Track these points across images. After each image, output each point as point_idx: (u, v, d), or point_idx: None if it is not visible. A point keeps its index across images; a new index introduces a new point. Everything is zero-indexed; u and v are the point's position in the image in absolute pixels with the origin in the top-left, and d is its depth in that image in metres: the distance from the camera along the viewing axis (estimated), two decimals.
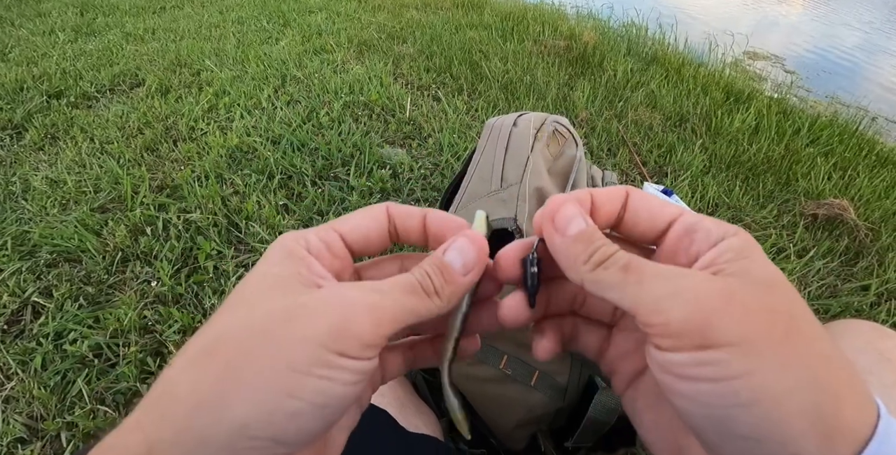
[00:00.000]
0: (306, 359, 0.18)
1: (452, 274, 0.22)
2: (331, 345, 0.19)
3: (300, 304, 0.19)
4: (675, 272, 0.20)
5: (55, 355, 0.91)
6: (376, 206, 0.25)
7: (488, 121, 0.64)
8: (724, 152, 1.64)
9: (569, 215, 0.22)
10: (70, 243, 1.12)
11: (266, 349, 0.18)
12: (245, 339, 0.19)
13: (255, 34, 2.55)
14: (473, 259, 0.23)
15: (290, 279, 0.21)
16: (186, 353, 0.19)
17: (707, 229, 0.21)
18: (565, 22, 2.90)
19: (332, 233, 0.23)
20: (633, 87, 2.03)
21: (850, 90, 2.91)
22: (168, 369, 0.19)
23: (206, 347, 0.19)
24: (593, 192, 0.24)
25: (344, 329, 0.19)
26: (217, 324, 0.20)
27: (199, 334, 0.20)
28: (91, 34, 2.60)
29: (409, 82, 1.99)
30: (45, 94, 1.86)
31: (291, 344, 0.18)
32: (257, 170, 1.37)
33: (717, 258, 0.20)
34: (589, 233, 0.22)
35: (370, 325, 0.20)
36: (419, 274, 0.22)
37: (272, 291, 0.20)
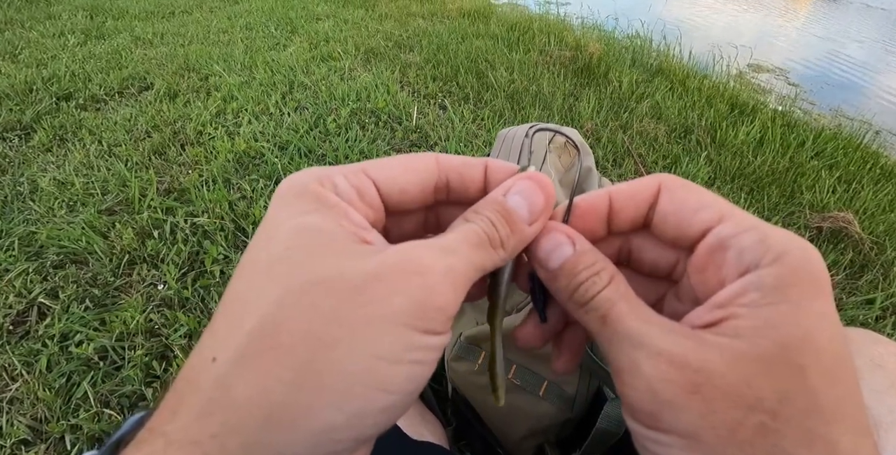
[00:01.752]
0: (394, 344, 0.16)
1: (517, 222, 0.19)
2: (417, 323, 0.16)
3: (369, 274, 0.16)
4: (651, 337, 0.17)
5: (60, 357, 0.91)
6: (422, 156, 0.21)
7: (501, 131, 0.65)
8: (729, 164, 1.64)
9: (550, 246, 0.20)
10: (77, 245, 1.13)
11: (344, 338, 0.15)
12: (314, 327, 0.15)
13: (263, 40, 2.57)
14: (541, 205, 0.20)
15: (335, 233, 0.17)
16: (232, 340, 0.15)
17: (740, 249, 0.17)
18: (571, 33, 2.93)
19: (363, 178, 0.19)
20: (639, 98, 2.04)
21: (854, 103, 2.92)
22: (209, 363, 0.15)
23: (264, 336, 0.15)
24: (613, 192, 0.21)
25: (427, 303, 0.16)
26: (263, 299, 0.16)
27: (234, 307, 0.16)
28: (100, 37, 2.63)
29: (416, 90, 2.00)
30: (55, 95, 1.88)
31: (373, 328, 0.15)
32: (265, 175, 1.38)
33: (738, 297, 0.16)
34: (570, 265, 0.19)
35: (451, 292, 0.17)
36: (484, 223, 0.19)
37: (321, 252, 0.16)
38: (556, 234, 0.20)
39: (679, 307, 0.21)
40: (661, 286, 0.22)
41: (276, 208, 0.18)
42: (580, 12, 3.55)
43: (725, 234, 0.18)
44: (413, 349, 0.16)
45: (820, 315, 0.16)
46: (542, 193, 0.20)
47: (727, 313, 0.16)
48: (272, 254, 0.17)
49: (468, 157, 0.21)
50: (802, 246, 0.17)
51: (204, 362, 0.15)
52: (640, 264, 0.22)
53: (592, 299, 0.19)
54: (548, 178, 0.20)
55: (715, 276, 0.18)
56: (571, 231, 0.20)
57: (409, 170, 0.20)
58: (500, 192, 0.20)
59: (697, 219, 0.19)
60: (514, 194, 0.20)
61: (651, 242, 0.21)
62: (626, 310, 0.18)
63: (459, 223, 0.19)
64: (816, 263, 0.16)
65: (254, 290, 0.16)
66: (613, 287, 0.19)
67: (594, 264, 0.19)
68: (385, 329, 0.15)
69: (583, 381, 0.57)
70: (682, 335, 0.17)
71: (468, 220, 0.19)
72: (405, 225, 0.22)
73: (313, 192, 0.18)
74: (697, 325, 0.17)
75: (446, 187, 0.21)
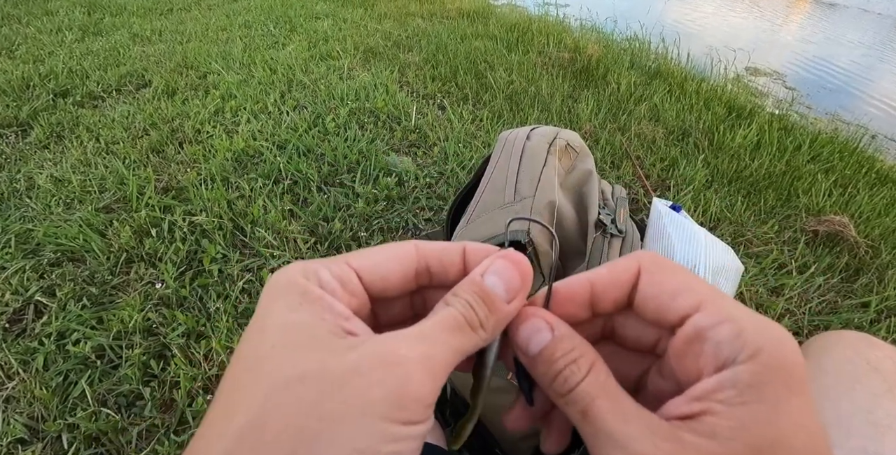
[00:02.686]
0: (372, 437, 0.16)
1: (496, 302, 0.20)
2: (395, 415, 0.16)
3: (348, 368, 0.16)
4: (631, 439, 0.17)
5: (57, 355, 0.90)
6: (401, 245, 0.22)
7: (501, 133, 0.65)
8: (727, 167, 1.65)
9: (528, 332, 0.20)
10: (74, 243, 1.12)
11: (325, 431, 0.15)
12: (298, 421, 0.16)
13: (261, 39, 2.56)
14: (518, 283, 0.20)
15: (317, 329, 0.18)
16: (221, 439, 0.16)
17: (716, 343, 0.17)
18: (569, 34, 2.93)
19: (346, 268, 0.20)
20: (637, 100, 2.05)
21: (851, 108, 2.94)
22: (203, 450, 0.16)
23: (251, 432, 0.16)
24: (594, 278, 0.21)
25: (404, 393, 0.16)
26: (251, 394, 0.16)
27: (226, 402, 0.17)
28: (98, 34, 2.62)
29: (415, 90, 2.00)
30: (52, 92, 1.87)
31: (352, 421, 0.16)
32: (263, 174, 1.38)
33: (714, 392, 0.17)
34: (548, 352, 0.20)
35: (428, 381, 0.17)
36: (461, 306, 0.19)
37: (304, 347, 0.17)
38: (534, 319, 0.20)
39: (662, 383, 0.21)
40: (645, 360, 0.23)
41: (265, 302, 0.19)
42: (579, 14, 3.56)
43: (702, 324, 0.18)
44: (391, 441, 0.16)
45: (796, 413, 0.16)
46: (518, 272, 0.20)
47: (704, 408, 0.17)
48: (260, 351, 0.17)
49: (447, 244, 0.22)
50: (779, 339, 0.17)
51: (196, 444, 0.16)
52: (624, 339, 0.23)
53: (571, 392, 0.19)
54: (523, 256, 0.21)
55: (693, 364, 0.18)
56: (550, 316, 0.21)
57: (390, 258, 0.21)
58: (478, 272, 0.20)
59: (676, 305, 0.19)
60: (491, 274, 0.20)
61: (634, 320, 0.22)
62: (607, 407, 0.18)
63: (440, 307, 0.20)
64: (792, 357, 0.17)
65: (242, 387, 0.17)
66: (593, 377, 0.19)
67: (572, 351, 0.19)
68: (363, 422, 0.16)
69: None
70: (662, 437, 0.17)
71: (447, 303, 0.20)
72: (393, 309, 0.23)
73: (299, 286, 0.19)
74: (675, 415, 0.18)
75: (427, 272, 0.22)
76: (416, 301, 0.23)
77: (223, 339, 0.92)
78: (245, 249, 1.15)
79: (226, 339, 0.93)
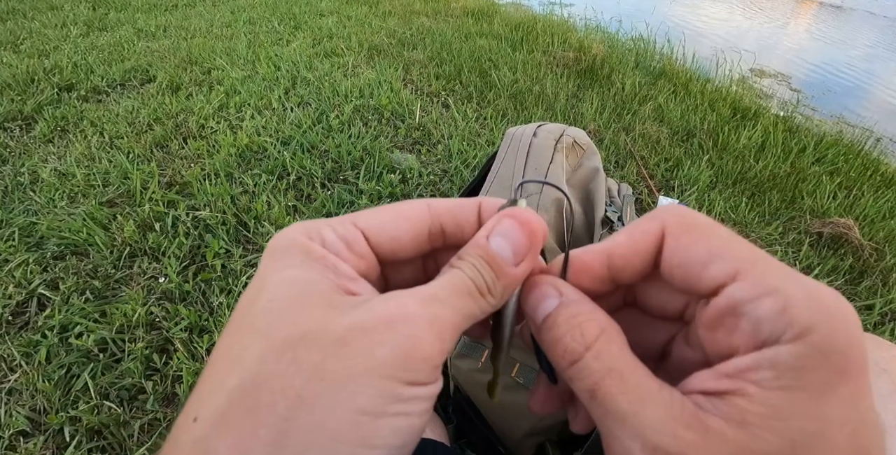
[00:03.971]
0: (375, 398, 0.15)
1: (502, 266, 0.18)
2: (400, 374, 0.15)
3: (352, 325, 0.15)
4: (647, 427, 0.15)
5: (60, 348, 0.90)
6: (412, 203, 0.20)
7: (509, 130, 0.65)
8: (731, 168, 1.65)
9: (536, 299, 0.19)
10: (78, 236, 1.12)
11: (325, 393, 0.14)
12: (295, 383, 0.14)
13: (266, 35, 2.56)
14: (525, 245, 0.18)
15: (319, 284, 0.16)
16: (213, 400, 0.15)
17: (756, 319, 0.15)
18: (574, 34, 2.93)
19: (351, 229, 0.19)
20: (641, 100, 2.04)
21: (856, 110, 2.93)
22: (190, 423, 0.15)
23: (244, 395, 0.15)
24: (611, 249, 0.19)
25: (411, 353, 0.15)
26: (246, 355, 0.15)
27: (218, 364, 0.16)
28: (103, 29, 2.62)
29: (419, 88, 2.00)
30: (56, 86, 1.87)
31: (355, 381, 0.15)
32: (267, 170, 1.38)
33: (749, 371, 0.15)
34: (552, 317, 0.18)
35: (437, 342, 0.16)
36: (470, 270, 0.18)
37: (304, 304, 0.16)
38: (543, 286, 0.19)
39: (688, 353, 0.19)
40: (670, 327, 0.20)
41: (265, 262, 0.18)
42: (584, 13, 3.55)
43: (740, 297, 0.15)
44: (397, 402, 0.15)
45: (845, 404, 0.14)
46: (526, 233, 0.19)
47: (735, 387, 0.15)
48: (257, 306, 0.16)
49: (461, 199, 0.21)
50: (833, 315, 0.14)
51: (186, 422, 0.15)
52: (647, 306, 0.21)
53: (575, 364, 0.17)
54: (533, 213, 0.19)
55: (726, 339, 0.16)
56: (560, 282, 0.19)
57: (400, 217, 0.20)
58: (483, 234, 0.19)
59: (707, 274, 0.16)
60: (497, 236, 0.19)
61: (659, 285, 0.19)
62: (618, 387, 0.16)
63: (446, 270, 0.19)
64: (847, 337, 0.14)
65: (237, 347, 0.16)
66: (604, 347, 0.17)
67: (577, 315, 0.18)
68: (367, 382, 0.15)
69: None
70: (684, 424, 0.15)
71: (454, 266, 0.18)
72: (405, 273, 0.22)
73: (301, 245, 0.18)
74: (700, 389, 0.16)
75: (442, 232, 0.20)
76: (430, 265, 0.22)
77: None
78: (248, 245, 1.15)
79: None
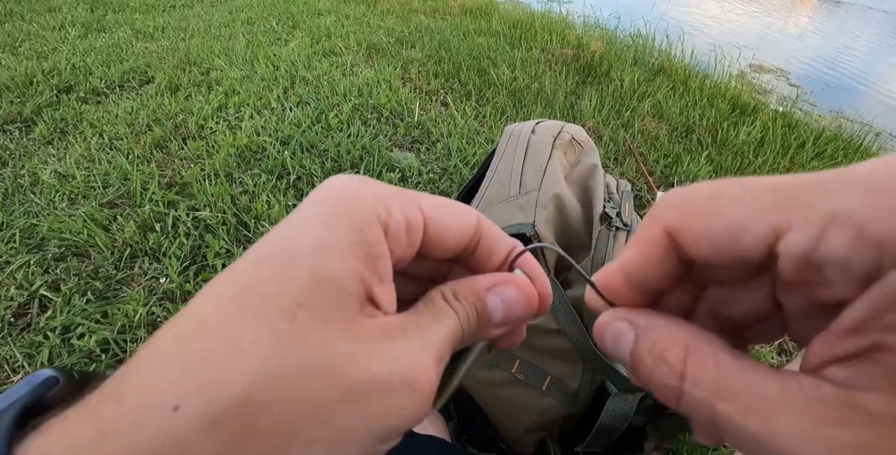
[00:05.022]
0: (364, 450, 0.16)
1: (487, 324, 0.19)
2: (391, 438, 0.16)
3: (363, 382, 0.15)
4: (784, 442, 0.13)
5: (62, 349, 0.91)
6: (468, 211, 0.20)
7: (507, 127, 0.65)
8: (730, 164, 1.65)
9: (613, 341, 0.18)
10: (78, 238, 1.13)
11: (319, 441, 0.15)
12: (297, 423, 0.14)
13: (264, 35, 2.56)
14: (515, 315, 0.19)
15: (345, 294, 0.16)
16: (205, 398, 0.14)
17: (840, 261, 0.12)
18: (573, 31, 2.92)
19: (417, 214, 0.18)
20: (640, 96, 2.04)
21: (855, 105, 2.93)
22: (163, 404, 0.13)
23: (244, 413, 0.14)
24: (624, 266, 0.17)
25: (412, 421, 0.16)
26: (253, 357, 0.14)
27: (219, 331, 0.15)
28: (101, 30, 2.62)
29: (418, 87, 2.00)
30: (55, 88, 1.87)
31: (350, 435, 0.15)
32: (267, 170, 1.38)
33: (875, 318, 0.12)
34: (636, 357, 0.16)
35: (430, 393, 0.17)
36: (464, 319, 0.18)
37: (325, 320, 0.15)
38: (612, 324, 0.17)
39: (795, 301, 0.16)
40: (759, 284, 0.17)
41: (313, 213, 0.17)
42: (582, 10, 3.55)
43: (802, 248, 0.13)
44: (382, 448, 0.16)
45: None
46: (522, 306, 0.19)
47: (870, 343, 0.12)
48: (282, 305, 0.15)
49: (502, 232, 0.21)
50: None
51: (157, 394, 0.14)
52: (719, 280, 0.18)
53: (681, 400, 0.15)
54: (532, 288, 0.20)
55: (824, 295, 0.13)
56: (622, 310, 0.18)
57: (456, 219, 0.19)
58: (484, 285, 0.19)
59: (746, 246, 0.14)
60: (496, 295, 0.19)
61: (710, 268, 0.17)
62: (735, 410, 0.13)
63: (442, 307, 0.18)
64: None
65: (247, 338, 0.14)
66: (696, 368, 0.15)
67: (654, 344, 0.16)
68: (361, 438, 0.15)
69: (586, 376, 0.57)
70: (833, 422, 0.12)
71: (452, 306, 0.18)
72: (425, 267, 0.21)
73: (363, 219, 0.16)
74: (830, 359, 0.13)
75: (473, 248, 0.20)
76: (444, 267, 0.22)
77: None
78: (249, 244, 1.16)
79: None
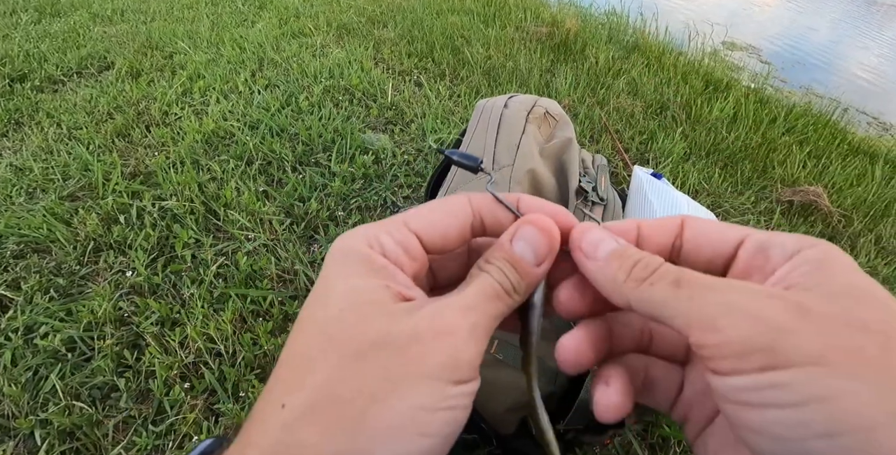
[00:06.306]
0: (431, 397, 0.18)
1: (525, 267, 0.21)
2: (449, 376, 0.18)
3: (409, 335, 0.18)
4: (736, 285, 0.18)
5: (26, 350, 0.87)
6: (454, 199, 0.23)
7: (479, 102, 0.63)
8: (704, 140, 1.65)
9: (596, 238, 0.21)
10: (38, 233, 1.07)
11: (391, 394, 0.18)
12: (367, 384, 0.18)
13: (229, 16, 2.46)
14: (546, 248, 0.21)
15: (379, 294, 0.19)
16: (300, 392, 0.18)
17: (781, 244, 0.19)
18: (547, 9, 2.88)
19: (406, 233, 0.21)
20: (615, 74, 2.03)
21: (824, 82, 2.98)
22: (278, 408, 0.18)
23: (327, 391, 0.18)
24: (641, 223, 0.22)
25: (457, 359, 0.19)
26: (324, 358, 0.18)
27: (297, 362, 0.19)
28: (55, 15, 2.48)
29: (391, 67, 1.95)
30: (8, 77, 1.77)
31: (415, 384, 0.18)
32: (235, 155, 1.33)
33: (790, 272, 0.18)
34: (621, 250, 0.20)
35: (475, 346, 0.19)
36: (497, 275, 0.21)
37: (368, 314, 0.19)
38: (597, 230, 0.21)
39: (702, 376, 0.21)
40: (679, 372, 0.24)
41: (329, 269, 0.21)
42: None
43: (762, 239, 0.20)
44: (447, 398, 0.18)
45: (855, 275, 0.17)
46: (546, 237, 0.21)
47: (788, 284, 0.18)
48: (328, 315, 0.19)
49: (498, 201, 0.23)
50: (819, 240, 0.19)
51: (273, 408, 0.18)
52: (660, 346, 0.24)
53: (656, 271, 0.19)
54: (549, 220, 0.21)
55: (760, 274, 0.19)
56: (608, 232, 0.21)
57: (447, 215, 0.22)
58: (507, 238, 0.21)
59: (731, 234, 0.20)
60: (519, 240, 0.21)
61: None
62: (697, 272, 0.19)
63: (476, 273, 0.21)
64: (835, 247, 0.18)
65: (315, 350, 0.19)
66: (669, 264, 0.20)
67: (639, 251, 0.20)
68: (424, 384, 0.18)
69: None
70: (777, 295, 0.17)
71: (482, 269, 0.21)
72: (450, 264, 0.24)
73: (363, 255, 0.20)
74: None
75: (482, 226, 0.23)
76: (473, 255, 0.24)
77: (199, 325, 0.90)
78: (219, 233, 1.12)
79: (201, 326, 0.90)
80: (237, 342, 0.89)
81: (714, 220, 0.21)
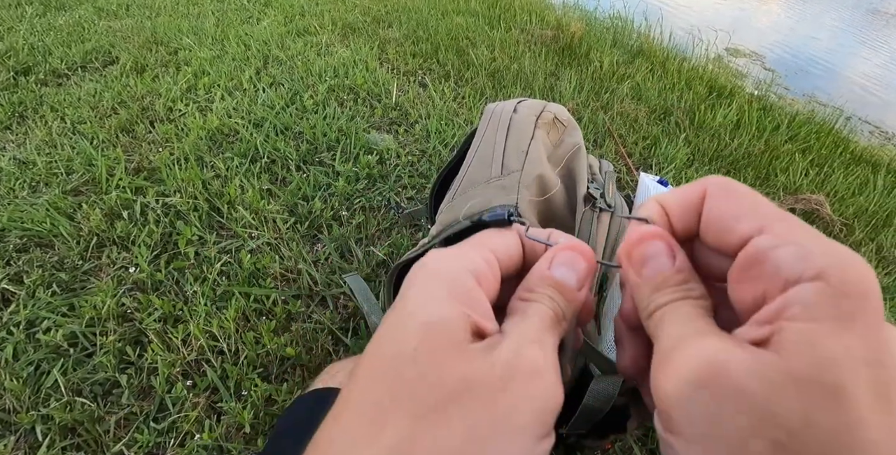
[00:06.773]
0: (525, 447, 0.17)
1: (570, 292, 0.21)
2: (538, 430, 0.17)
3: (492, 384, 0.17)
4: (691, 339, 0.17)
5: (27, 345, 0.87)
6: (505, 231, 0.23)
7: (488, 106, 0.63)
8: (707, 146, 1.66)
9: (650, 252, 0.20)
10: (41, 227, 1.07)
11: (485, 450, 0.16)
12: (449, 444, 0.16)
13: (235, 13, 2.46)
14: (585, 271, 0.21)
15: (457, 327, 0.18)
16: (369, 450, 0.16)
17: (776, 263, 0.16)
18: (552, 12, 2.89)
19: (490, 255, 0.21)
20: (619, 79, 2.03)
21: (827, 90, 2.99)
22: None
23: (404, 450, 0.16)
24: (661, 199, 0.20)
25: (547, 408, 0.17)
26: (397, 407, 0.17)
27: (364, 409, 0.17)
28: (60, 8, 2.48)
29: (395, 67, 1.95)
30: (12, 70, 1.77)
31: (501, 442, 0.16)
32: (239, 153, 1.33)
33: (782, 312, 0.15)
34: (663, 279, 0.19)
35: (561, 390, 0.18)
36: (549, 302, 0.20)
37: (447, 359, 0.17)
38: (657, 242, 0.20)
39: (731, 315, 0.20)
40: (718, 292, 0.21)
41: (411, 289, 0.19)
42: None
43: (763, 246, 0.17)
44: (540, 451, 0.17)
45: (865, 333, 0.14)
46: (585, 260, 0.21)
47: (774, 329, 0.15)
48: (401, 352, 0.17)
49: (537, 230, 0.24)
50: (848, 262, 0.15)
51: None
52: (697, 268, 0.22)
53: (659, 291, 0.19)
54: (582, 242, 0.22)
55: (751, 290, 0.17)
56: (674, 243, 0.20)
57: (508, 243, 0.22)
58: (544, 265, 0.21)
59: (738, 228, 0.18)
60: (559, 265, 0.21)
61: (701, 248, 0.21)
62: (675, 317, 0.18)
63: (521, 305, 0.20)
64: (862, 281, 0.15)
65: (387, 397, 0.17)
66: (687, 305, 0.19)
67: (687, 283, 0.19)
68: (511, 441, 0.16)
69: None
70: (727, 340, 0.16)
71: (527, 300, 0.20)
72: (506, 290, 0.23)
73: (456, 280, 0.19)
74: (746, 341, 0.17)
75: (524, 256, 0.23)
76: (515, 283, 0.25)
77: (201, 322, 0.90)
78: (222, 231, 1.12)
79: (204, 323, 0.90)
80: (240, 340, 0.89)
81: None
